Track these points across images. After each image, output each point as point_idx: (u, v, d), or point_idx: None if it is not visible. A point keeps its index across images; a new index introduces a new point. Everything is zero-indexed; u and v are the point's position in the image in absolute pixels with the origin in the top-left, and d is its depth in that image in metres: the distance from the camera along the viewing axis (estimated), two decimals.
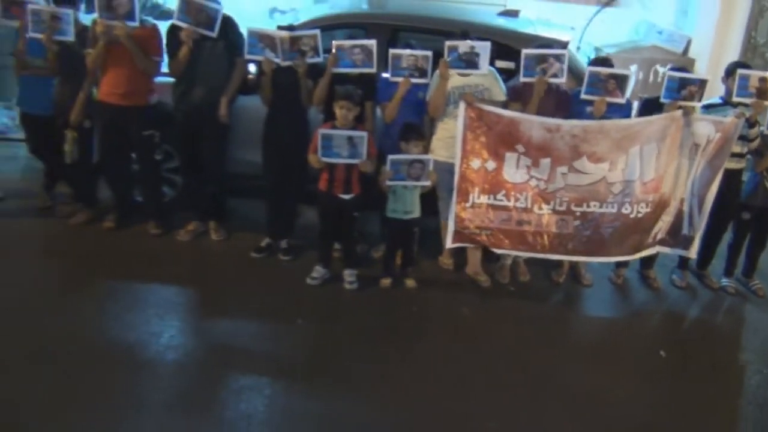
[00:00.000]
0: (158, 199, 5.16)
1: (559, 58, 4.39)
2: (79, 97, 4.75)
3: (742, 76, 4.51)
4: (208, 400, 3.49)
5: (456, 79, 4.45)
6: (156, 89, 4.84)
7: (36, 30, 4.55)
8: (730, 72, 4.68)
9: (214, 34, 4.50)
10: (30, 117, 5.07)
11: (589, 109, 4.50)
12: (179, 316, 4.24)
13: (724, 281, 5.08)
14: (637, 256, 4.76)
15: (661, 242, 4.70)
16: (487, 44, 4.36)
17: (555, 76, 4.39)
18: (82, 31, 4.67)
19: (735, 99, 4.56)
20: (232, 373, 3.70)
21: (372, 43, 4.47)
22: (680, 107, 4.43)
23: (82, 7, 5.32)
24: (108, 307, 4.16)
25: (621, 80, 4.43)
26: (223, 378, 3.66)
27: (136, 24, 4.48)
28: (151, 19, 4.92)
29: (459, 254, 4.87)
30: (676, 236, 4.71)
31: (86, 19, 4.85)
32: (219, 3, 4.62)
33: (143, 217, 5.11)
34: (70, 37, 4.61)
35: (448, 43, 4.37)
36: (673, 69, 4.60)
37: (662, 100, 4.50)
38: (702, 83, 4.46)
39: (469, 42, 4.34)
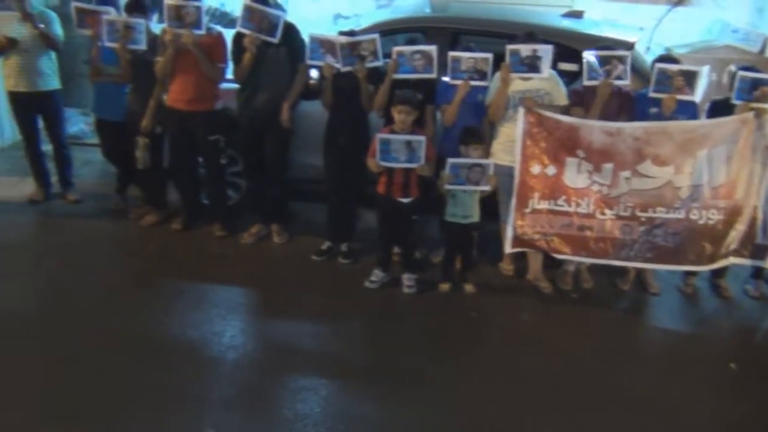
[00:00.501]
0: (223, 202, 5.31)
1: (622, 59, 4.29)
2: (150, 104, 4.94)
3: None
4: (265, 398, 3.56)
5: (517, 83, 4.40)
6: (221, 95, 4.98)
7: (111, 39, 4.75)
8: None
9: (276, 41, 4.59)
10: (104, 123, 5.31)
11: (653, 109, 4.37)
12: (241, 316, 4.34)
13: None
14: (711, 267, 4.52)
15: (735, 253, 4.47)
16: (550, 48, 4.29)
17: (619, 78, 4.28)
18: (153, 40, 4.85)
19: None
20: (290, 373, 3.76)
21: (432, 48, 4.47)
22: (752, 109, 4.24)
23: (154, 17, 5.54)
24: (174, 305, 4.30)
25: (690, 77, 4.29)
26: (281, 378, 3.72)
27: (203, 32, 4.62)
28: (217, 27, 5.07)
29: (520, 260, 4.80)
30: (750, 246, 4.46)
31: (157, 28, 5.04)
32: (283, 10, 4.72)
33: (209, 219, 5.27)
34: (143, 45, 4.79)
35: (509, 46, 4.32)
36: (744, 68, 4.40)
37: (733, 101, 4.32)
38: None
39: (531, 45, 4.29)
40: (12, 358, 3.74)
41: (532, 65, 4.30)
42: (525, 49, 4.28)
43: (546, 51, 4.27)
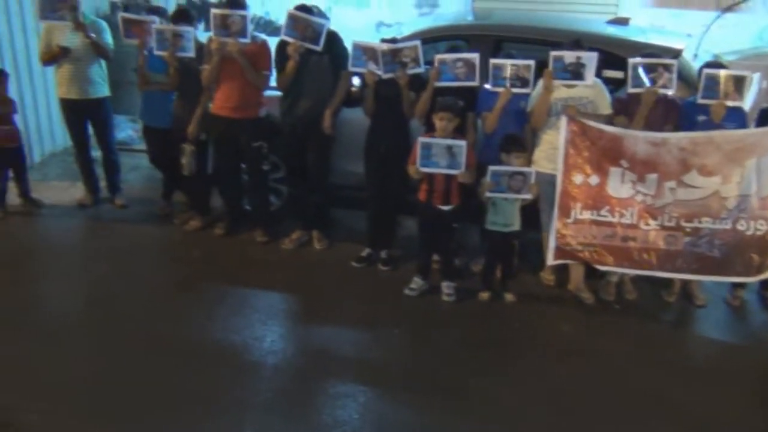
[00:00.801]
0: (266, 208, 5.38)
1: (668, 68, 4.21)
2: (196, 112, 5.04)
3: None
4: (305, 404, 3.58)
5: (560, 90, 4.35)
6: (265, 102, 5.05)
7: (160, 48, 4.86)
8: None
9: (319, 48, 4.63)
10: (151, 129, 5.44)
11: (702, 117, 4.28)
12: (281, 321, 4.38)
13: None
14: (758, 278, 4.39)
15: None
16: (594, 55, 4.24)
17: (664, 87, 4.21)
18: (199, 48, 4.95)
19: None
20: (329, 379, 3.78)
21: (475, 56, 4.45)
22: None
23: (200, 26, 5.65)
24: (216, 310, 4.37)
25: (739, 82, 4.19)
26: (321, 383, 3.75)
27: (248, 40, 4.69)
28: (262, 36, 5.14)
29: (561, 270, 4.73)
30: None
31: (203, 37, 5.14)
32: (326, 18, 4.77)
33: (251, 225, 5.34)
34: (191, 53, 4.89)
35: (553, 53, 4.29)
36: None
37: None
38: None
39: (575, 52, 4.24)
40: (61, 357, 3.85)
41: (575, 72, 4.25)
42: (569, 56, 4.24)
43: (590, 58, 4.22)
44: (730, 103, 4.20)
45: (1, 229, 5.41)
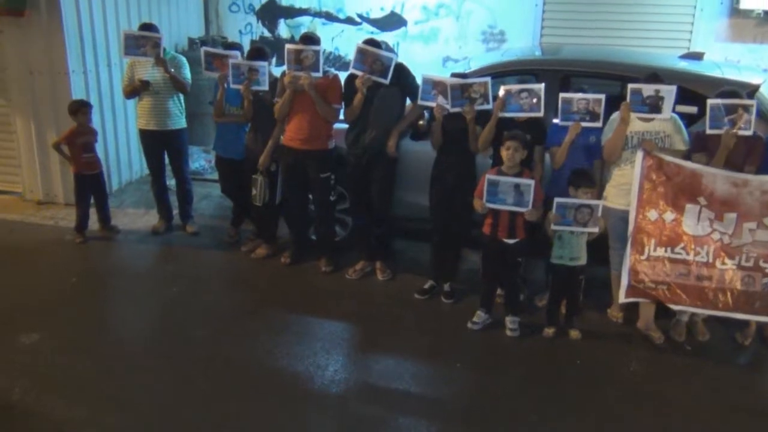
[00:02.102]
0: (331, 238, 5.46)
1: (747, 108, 4.09)
2: (269, 144, 5.19)
3: None
4: None
5: (636, 124, 4.29)
6: (334, 135, 5.16)
7: (236, 81, 5.06)
8: None
9: (387, 82, 4.72)
10: (224, 160, 5.62)
11: None
12: (344, 351, 4.40)
13: None
14: None
15: None
16: (673, 89, 4.16)
17: (743, 128, 4.09)
18: (273, 82, 5.11)
19: None
20: (390, 411, 3.76)
21: (540, 87, 4.45)
22: None
23: (273, 60, 5.84)
24: (280, 337, 4.43)
25: None
26: (382, 415, 3.73)
27: (320, 75, 4.83)
28: (332, 70, 5.28)
29: (630, 307, 4.60)
30: None
31: (276, 71, 5.31)
32: (394, 52, 4.86)
33: (316, 254, 5.42)
34: (266, 87, 5.07)
35: (631, 85, 4.23)
36: None
37: None
38: None
39: (653, 85, 4.18)
40: (130, 377, 3.99)
41: (653, 105, 4.18)
42: (647, 89, 4.18)
43: (669, 92, 4.15)
44: None
45: (81, 254, 5.67)
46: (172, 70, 5.52)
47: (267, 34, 8.68)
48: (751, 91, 4.52)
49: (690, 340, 4.49)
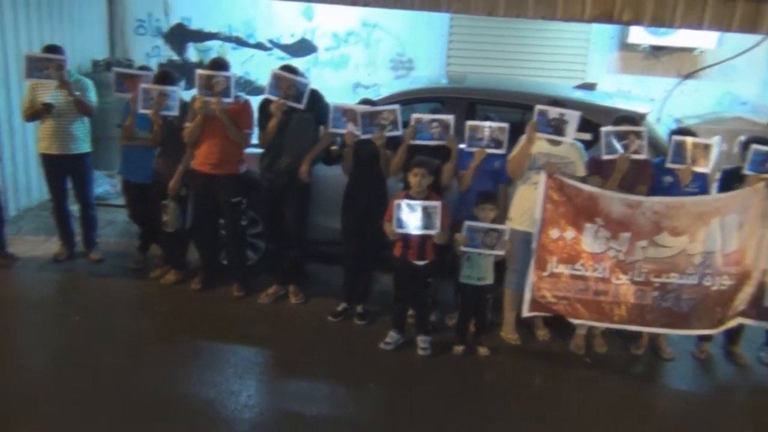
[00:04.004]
0: (243, 263, 5.42)
1: (639, 135, 4.41)
2: (179, 168, 5.12)
3: None
4: None
5: (543, 145, 4.53)
6: (245, 159, 5.16)
7: (145, 106, 4.96)
8: None
9: (302, 107, 4.78)
10: (132, 185, 5.50)
11: (668, 178, 4.49)
12: (257, 376, 4.38)
13: None
14: (721, 329, 4.57)
15: (743, 314, 4.51)
16: (577, 114, 4.41)
17: (636, 152, 4.41)
18: (182, 106, 5.07)
19: None
20: None
21: (450, 118, 4.63)
22: (764, 179, 4.33)
23: (181, 84, 5.77)
24: (191, 363, 4.36)
25: (706, 150, 4.42)
26: None
27: (231, 100, 4.83)
28: (243, 95, 5.29)
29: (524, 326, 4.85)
30: (757, 308, 4.51)
31: (186, 95, 5.26)
32: (306, 78, 4.94)
33: (228, 279, 5.37)
34: (176, 112, 5.01)
35: (538, 106, 4.47)
36: (756, 140, 4.49)
37: (746, 171, 4.41)
38: None
39: (559, 109, 4.44)
40: (31, 410, 3.80)
41: (558, 128, 4.43)
42: (553, 112, 4.43)
43: (573, 117, 4.41)
44: (697, 169, 4.41)
45: None
46: (77, 93, 5.37)
47: (175, 57, 8.56)
48: (639, 118, 4.87)
49: (589, 352, 4.76)
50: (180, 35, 8.52)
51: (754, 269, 4.44)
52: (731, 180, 4.53)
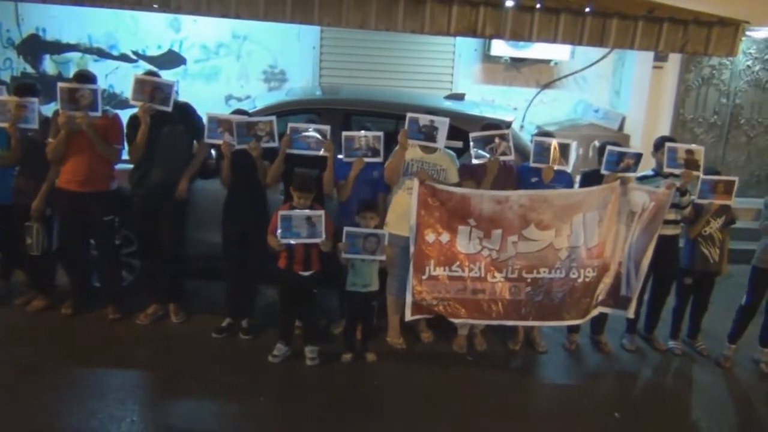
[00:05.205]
0: (117, 284, 5.19)
1: (504, 137, 4.68)
2: (42, 188, 4.83)
3: (671, 149, 4.87)
4: None
5: (417, 152, 4.70)
6: (115, 176, 4.95)
7: (1, 119, 4.65)
8: (658, 146, 5.06)
9: (169, 109, 4.64)
10: None
11: (534, 179, 4.80)
12: (141, 400, 4.20)
13: (671, 344, 5.33)
14: (586, 318, 4.93)
15: (602, 303, 4.93)
16: (446, 120, 4.60)
17: (504, 154, 4.68)
18: (44, 122, 4.79)
19: (666, 170, 4.90)
20: None
21: (326, 128, 4.69)
22: (618, 178, 4.74)
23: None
24: (68, 394, 4.11)
25: (564, 149, 4.77)
26: None
27: (99, 114, 4.62)
28: (111, 110, 5.07)
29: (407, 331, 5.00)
30: (615, 297, 4.95)
31: (45, 109, 4.97)
32: (171, 81, 4.80)
33: (102, 302, 5.12)
34: (35, 125, 4.72)
35: (410, 114, 4.61)
36: (610, 144, 4.91)
37: (603, 171, 4.79)
38: (638, 156, 4.79)
39: (429, 116, 4.61)
40: None
41: (429, 135, 4.60)
42: (423, 119, 4.59)
43: (443, 123, 4.60)
44: (557, 167, 4.75)
45: None
46: None
47: (30, 69, 8.04)
48: (506, 126, 5.16)
49: (471, 351, 4.98)
50: (34, 46, 8.01)
51: (612, 261, 4.85)
52: (590, 182, 4.90)
